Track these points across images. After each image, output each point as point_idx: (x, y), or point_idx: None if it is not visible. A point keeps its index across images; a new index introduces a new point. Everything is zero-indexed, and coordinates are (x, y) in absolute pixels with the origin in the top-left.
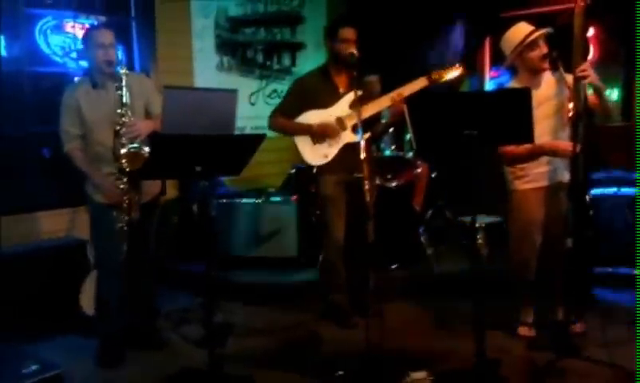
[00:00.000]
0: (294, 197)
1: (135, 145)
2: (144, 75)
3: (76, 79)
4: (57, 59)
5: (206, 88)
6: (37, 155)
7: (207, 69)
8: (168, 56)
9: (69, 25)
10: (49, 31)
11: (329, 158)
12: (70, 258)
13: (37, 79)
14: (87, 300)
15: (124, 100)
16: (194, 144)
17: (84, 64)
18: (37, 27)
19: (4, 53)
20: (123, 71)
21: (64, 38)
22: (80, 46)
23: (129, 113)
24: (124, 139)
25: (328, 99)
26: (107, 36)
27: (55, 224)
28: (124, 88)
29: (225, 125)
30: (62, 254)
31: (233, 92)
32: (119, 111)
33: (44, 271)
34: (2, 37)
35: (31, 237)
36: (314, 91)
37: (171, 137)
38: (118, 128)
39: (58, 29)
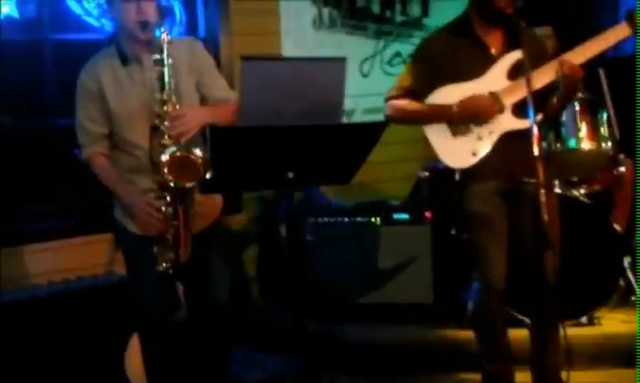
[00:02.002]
0: (427, 214)
1: (178, 147)
2: (195, 40)
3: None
4: (93, 21)
5: (300, 58)
6: (66, 158)
7: (301, 28)
8: (246, 11)
9: None
10: None
11: (480, 156)
12: (111, 305)
13: (63, 51)
14: (134, 368)
15: (166, 79)
16: (283, 139)
17: (108, 26)
18: None
19: (16, 13)
20: (164, 36)
21: None
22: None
23: (174, 99)
24: (166, 138)
25: (473, 66)
26: None
27: (91, 256)
28: (167, 62)
29: (328, 110)
30: (100, 298)
31: (339, 61)
32: (158, 96)
33: (75, 323)
34: None
35: (56, 274)
36: (451, 55)
37: (248, 131)
38: (157, 122)
39: None
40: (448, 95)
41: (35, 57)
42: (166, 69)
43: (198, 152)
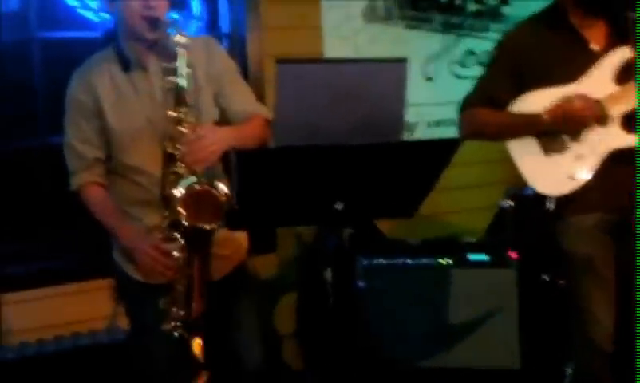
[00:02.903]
0: (512, 254)
1: (197, 179)
2: (211, 39)
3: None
4: (91, 16)
5: (348, 59)
6: (57, 185)
7: (348, 21)
8: (279, 1)
9: None
10: None
11: (580, 180)
12: (112, 368)
13: (54, 52)
14: None
15: (182, 93)
16: (329, 162)
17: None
18: None
19: None
20: (178, 37)
21: None
22: None
23: (191, 117)
24: (180, 166)
25: (570, 66)
26: None
27: (88, 308)
28: (182, 70)
29: (385, 124)
30: (100, 359)
31: (399, 63)
32: (172, 113)
33: None
34: None
35: (46, 330)
36: (540, 53)
37: (283, 152)
38: (169, 145)
39: None
40: (538, 102)
41: (19, 60)
42: (181, 80)
43: (222, 186)
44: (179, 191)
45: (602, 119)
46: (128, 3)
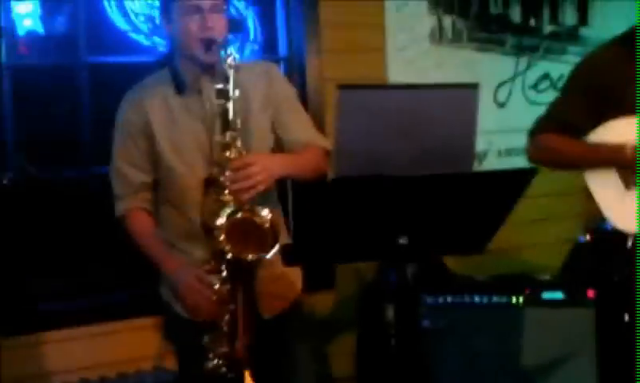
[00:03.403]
0: (590, 292)
1: (239, 208)
2: (272, 64)
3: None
4: (142, 40)
5: (414, 84)
6: (105, 215)
7: (413, 43)
8: (340, 22)
9: None
10: None
11: None
12: None
13: (104, 77)
14: None
15: (231, 117)
16: (393, 194)
17: (161, 46)
18: None
19: (41, 29)
20: (230, 60)
21: (153, 1)
22: (155, 12)
23: (239, 143)
24: (224, 193)
25: None
26: None
27: (134, 347)
28: (232, 93)
29: (454, 153)
30: None
31: (469, 88)
32: (219, 138)
33: None
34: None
35: (90, 370)
36: (623, 78)
37: (344, 182)
38: (215, 171)
39: None
40: (620, 132)
41: (67, 85)
42: (231, 104)
43: (265, 213)
44: (220, 220)
45: None
46: (185, 25)
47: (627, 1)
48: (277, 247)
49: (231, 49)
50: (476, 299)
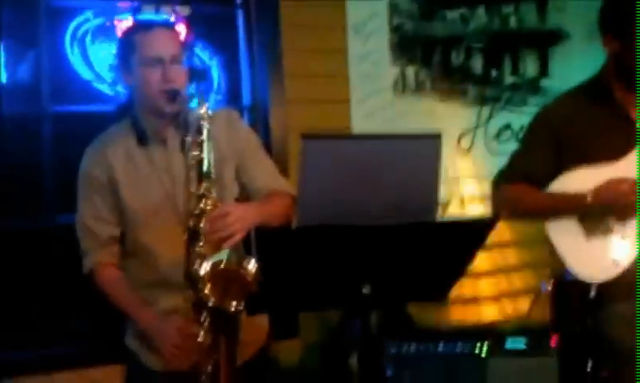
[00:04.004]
0: (553, 341)
1: (224, 257)
2: (232, 111)
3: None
4: (105, 89)
5: (378, 135)
6: (67, 265)
7: (377, 93)
8: (304, 72)
9: (122, 26)
10: (89, 38)
11: (625, 265)
12: None
13: (67, 127)
14: None
15: (206, 168)
16: (356, 243)
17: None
18: (69, 31)
19: (3, 78)
20: (202, 110)
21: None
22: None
23: (214, 193)
24: (201, 244)
25: (613, 144)
26: (165, 41)
27: None
28: (206, 145)
29: (417, 203)
30: None
31: (432, 138)
32: (194, 190)
33: None
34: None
35: None
36: (583, 129)
37: (308, 232)
38: (191, 223)
39: (106, 33)
40: (579, 181)
41: (29, 135)
42: (206, 155)
43: (251, 265)
44: (204, 270)
45: None
46: (145, 76)
47: (587, 53)
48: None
49: (204, 100)
50: (440, 349)
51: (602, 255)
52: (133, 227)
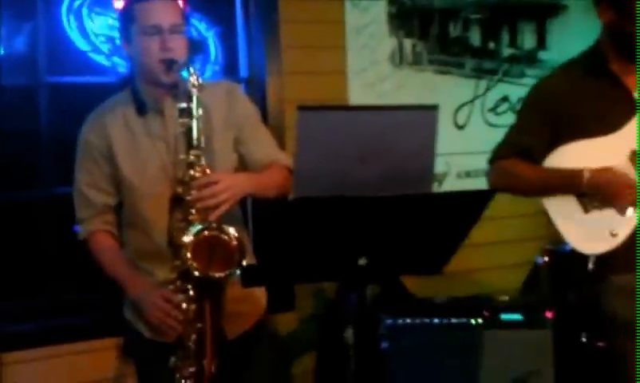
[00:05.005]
0: (548, 314)
1: (206, 225)
2: (234, 84)
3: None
4: (102, 60)
5: (374, 106)
6: (65, 236)
7: (373, 65)
8: (301, 44)
9: None
10: (85, 10)
11: (622, 237)
12: None
13: (63, 98)
14: None
15: (195, 135)
16: (352, 215)
17: (121, 66)
18: (65, 2)
19: (1, 49)
20: (193, 79)
21: (113, 22)
22: (116, 33)
23: (203, 161)
24: (191, 212)
25: (610, 116)
26: (165, 10)
27: (95, 369)
28: (196, 112)
29: (413, 175)
30: None
31: (429, 110)
32: (183, 157)
33: None
34: None
35: None
36: (579, 101)
37: (304, 203)
38: (180, 190)
39: (102, 4)
40: (577, 155)
41: (26, 106)
42: (194, 122)
43: (232, 231)
44: (187, 238)
45: None
46: (144, 46)
47: (585, 25)
48: (248, 263)
49: (195, 69)
50: (435, 321)
51: (600, 227)
52: (131, 196)
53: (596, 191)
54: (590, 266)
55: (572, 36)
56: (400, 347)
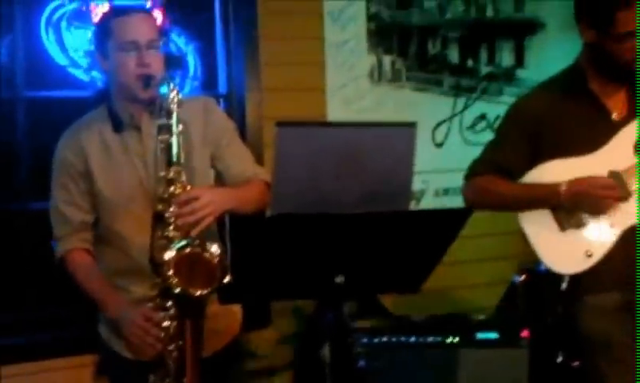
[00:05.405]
0: (524, 333)
1: (188, 242)
2: (210, 99)
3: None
4: (80, 75)
5: (353, 122)
6: (43, 251)
7: (353, 82)
8: (280, 60)
9: (98, 11)
10: (64, 24)
11: (597, 257)
12: None
13: (41, 112)
14: None
15: (175, 152)
16: (330, 232)
17: (99, 81)
18: (44, 16)
19: None
20: (173, 95)
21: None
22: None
23: (183, 178)
24: (171, 229)
25: (588, 136)
26: (142, 26)
27: None
28: (175, 129)
29: (391, 192)
30: None
31: (407, 127)
32: (163, 173)
33: None
34: None
35: None
36: (557, 120)
37: (282, 220)
38: (160, 207)
39: (81, 18)
40: (554, 173)
41: (4, 120)
42: (174, 139)
43: (215, 248)
44: (169, 255)
45: (623, 193)
46: (121, 61)
47: (563, 43)
48: (225, 281)
49: (174, 84)
50: (412, 339)
51: (575, 247)
52: (106, 213)
53: (575, 200)
54: (564, 285)
55: (550, 54)
56: (377, 365)
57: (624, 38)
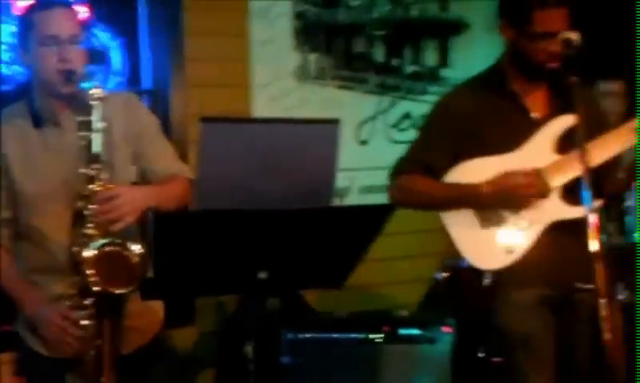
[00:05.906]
0: (446, 329)
1: (109, 240)
2: (132, 95)
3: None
4: (1, 69)
5: (277, 119)
6: None
7: (278, 80)
8: (205, 56)
9: (19, 4)
10: None
11: (518, 254)
12: None
13: None
14: None
15: (95, 149)
16: (253, 228)
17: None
18: None
19: None
20: (95, 91)
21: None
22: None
23: (104, 175)
24: (90, 226)
25: (509, 134)
26: (64, 20)
27: None
28: (96, 125)
29: (315, 189)
30: None
31: (331, 124)
32: (83, 171)
33: None
34: None
35: None
36: (479, 119)
37: (205, 216)
38: (80, 205)
39: (2, 11)
40: (475, 171)
41: None
42: (94, 135)
43: (135, 247)
44: (88, 253)
45: (543, 190)
46: (42, 55)
47: (487, 43)
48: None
49: (97, 81)
50: (335, 335)
51: (497, 244)
52: (25, 209)
53: (495, 197)
54: (486, 281)
55: (474, 54)
56: (301, 362)
57: (539, 38)
